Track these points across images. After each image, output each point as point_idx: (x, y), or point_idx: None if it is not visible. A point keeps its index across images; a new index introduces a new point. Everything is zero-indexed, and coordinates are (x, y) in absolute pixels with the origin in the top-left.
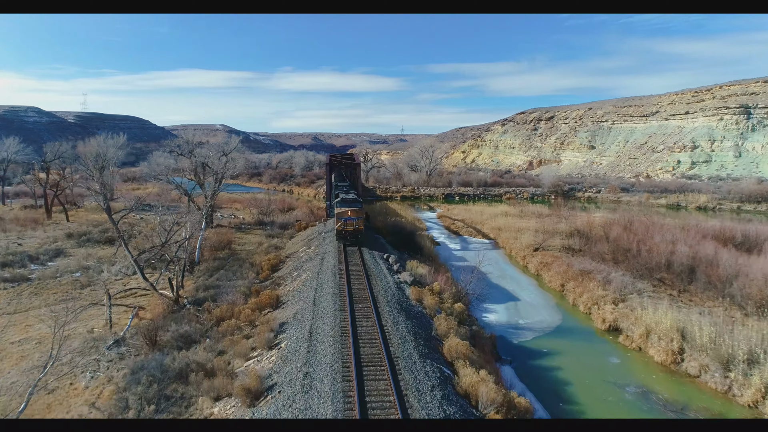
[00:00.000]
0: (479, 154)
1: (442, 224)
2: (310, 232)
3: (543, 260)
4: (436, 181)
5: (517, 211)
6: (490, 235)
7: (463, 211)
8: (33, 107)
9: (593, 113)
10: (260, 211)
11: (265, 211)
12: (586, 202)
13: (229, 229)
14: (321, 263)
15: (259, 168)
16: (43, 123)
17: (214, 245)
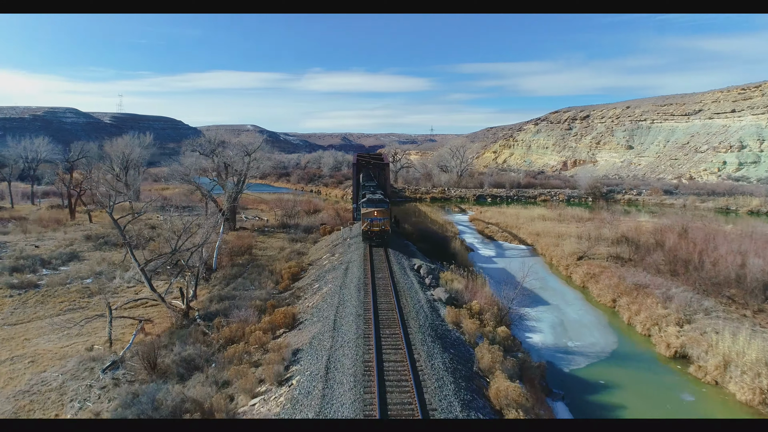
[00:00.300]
0: (511, 155)
1: (474, 228)
2: (335, 236)
3: (589, 271)
4: (467, 182)
5: (555, 214)
6: (527, 241)
7: (497, 213)
8: (71, 108)
9: (631, 112)
10: (285, 213)
11: (290, 212)
12: (626, 204)
13: (251, 232)
14: (345, 275)
15: (288, 168)
16: (80, 124)
17: (233, 250)
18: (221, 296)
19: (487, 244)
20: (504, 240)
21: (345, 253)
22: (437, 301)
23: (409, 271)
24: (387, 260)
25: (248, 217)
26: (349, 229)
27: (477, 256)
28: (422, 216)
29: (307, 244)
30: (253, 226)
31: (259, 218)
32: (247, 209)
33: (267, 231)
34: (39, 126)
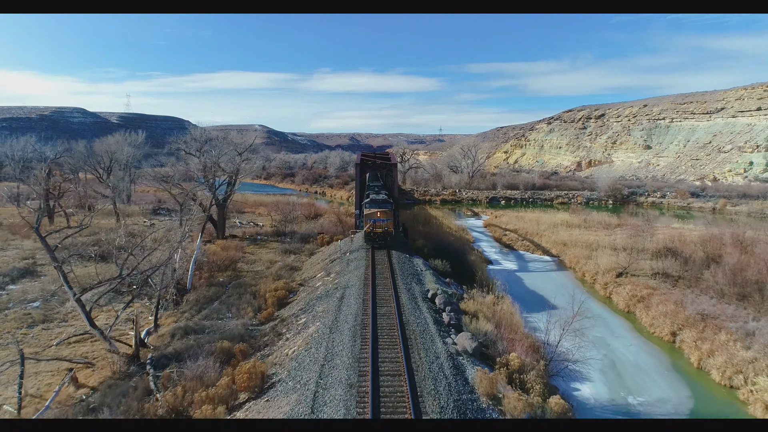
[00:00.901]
0: (523, 155)
1: (491, 235)
2: (333, 248)
3: (635, 292)
4: (479, 183)
5: (579, 220)
6: (552, 252)
7: (514, 218)
8: (78, 108)
9: (648, 110)
10: (283, 218)
11: (288, 217)
12: (650, 208)
13: (241, 241)
14: (338, 307)
15: (294, 168)
16: (87, 123)
17: (215, 264)
18: (188, 328)
19: (506, 255)
20: (526, 250)
21: (342, 273)
22: (462, 354)
23: (422, 301)
24: (393, 285)
25: (242, 222)
26: (350, 239)
27: (498, 272)
28: (433, 221)
29: (301, 257)
30: (244, 233)
31: (254, 224)
32: (243, 213)
33: (259, 239)
34: (46, 126)
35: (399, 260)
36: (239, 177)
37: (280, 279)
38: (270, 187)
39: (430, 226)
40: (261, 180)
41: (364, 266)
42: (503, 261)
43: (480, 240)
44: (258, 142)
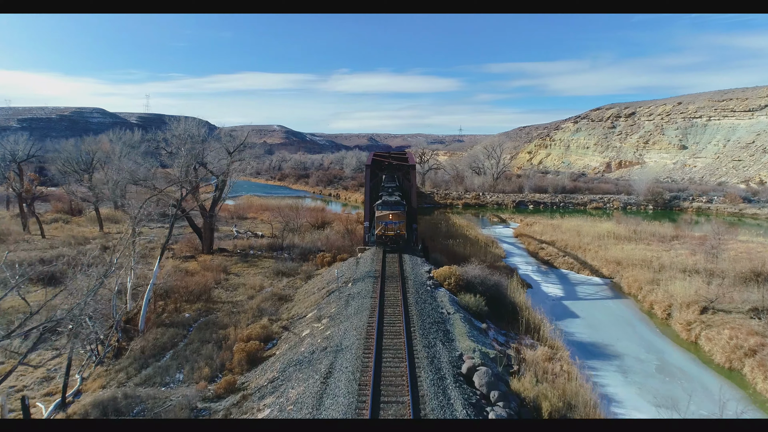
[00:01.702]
0: (547, 155)
1: (523, 247)
2: (333, 274)
3: (737, 340)
4: (504, 185)
5: (627, 230)
6: (602, 271)
7: (549, 228)
8: (98, 108)
9: (683, 108)
10: (286, 226)
11: (290, 226)
12: (695, 214)
13: (230, 256)
14: (320, 394)
15: (309, 169)
16: (106, 124)
17: (187, 292)
18: (111, 404)
19: (547, 275)
20: (569, 269)
21: (338, 318)
22: None
23: (453, 384)
24: (408, 349)
25: (239, 231)
26: (356, 261)
27: (541, 299)
28: (456, 231)
29: (296, 281)
30: (235, 247)
31: (253, 233)
32: (245, 219)
33: (252, 255)
34: (65, 126)
35: (417, 297)
36: (230, 179)
37: (262, 316)
38: (283, 188)
39: (454, 238)
40: (275, 181)
41: (369, 309)
42: (545, 283)
43: (512, 254)
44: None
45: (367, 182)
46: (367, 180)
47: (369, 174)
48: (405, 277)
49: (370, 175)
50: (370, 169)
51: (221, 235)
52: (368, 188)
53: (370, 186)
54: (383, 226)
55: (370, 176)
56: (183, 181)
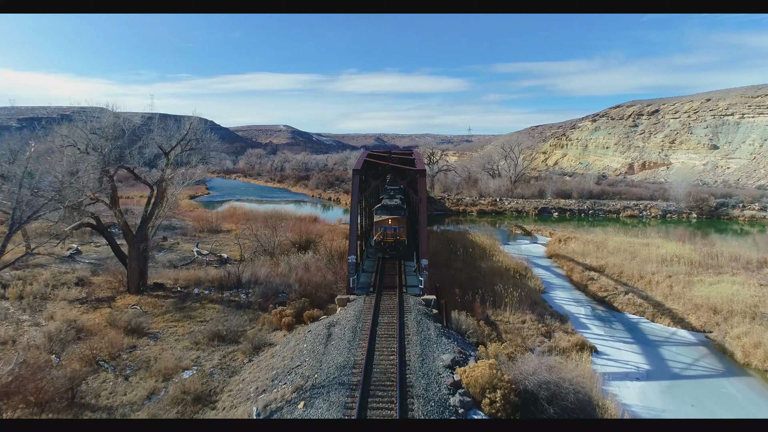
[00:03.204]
0: (564, 155)
1: (564, 274)
2: (296, 344)
3: None
4: (523, 189)
5: (700, 254)
6: (689, 320)
7: (592, 247)
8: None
9: (713, 105)
10: (259, 246)
11: (268, 245)
12: (748, 224)
13: (163, 300)
14: None
15: (311, 170)
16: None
17: (36, 390)
18: None
19: (610, 324)
20: (638, 313)
21: None
22: None
23: None
24: None
25: (200, 252)
26: (327, 331)
27: (620, 376)
28: (476, 252)
29: (236, 354)
30: (176, 282)
31: (217, 255)
32: (218, 233)
33: (195, 296)
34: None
35: None
36: (170, 190)
37: None
38: (282, 191)
39: (475, 264)
40: (274, 183)
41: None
42: (613, 342)
43: (552, 286)
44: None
45: (355, 196)
46: (354, 193)
47: (358, 184)
48: (408, 385)
49: (359, 184)
50: (359, 176)
51: (176, 256)
52: (355, 206)
53: (359, 201)
54: (382, 232)
55: (359, 186)
56: (91, 189)
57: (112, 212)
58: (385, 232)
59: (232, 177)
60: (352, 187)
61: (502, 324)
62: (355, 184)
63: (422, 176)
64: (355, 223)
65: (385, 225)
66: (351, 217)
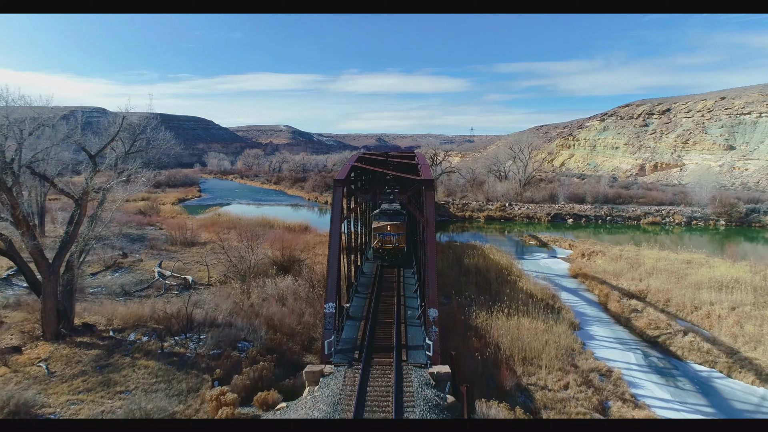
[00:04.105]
0: (570, 156)
1: (593, 298)
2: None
3: None
4: (533, 193)
5: (761, 277)
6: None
7: (624, 264)
8: (98, 108)
9: (728, 104)
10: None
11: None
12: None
13: (86, 351)
14: None
15: (309, 171)
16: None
17: None
18: None
19: (672, 378)
20: (706, 363)
21: None
22: None
23: None
24: None
25: (162, 274)
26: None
27: None
28: (491, 274)
29: None
30: (110, 321)
31: (182, 278)
32: (193, 246)
33: (130, 346)
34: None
35: None
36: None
37: None
38: (278, 193)
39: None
40: (270, 184)
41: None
42: (685, 414)
43: (587, 319)
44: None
45: (336, 216)
46: (335, 211)
47: (341, 199)
48: None
49: (342, 199)
50: (342, 188)
51: (133, 278)
52: (336, 230)
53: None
54: (380, 239)
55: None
56: None
57: None
58: (384, 238)
59: (228, 178)
60: (333, 203)
61: (538, 391)
62: (337, 199)
63: (429, 189)
64: (336, 255)
65: (383, 231)
66: (330, 246)
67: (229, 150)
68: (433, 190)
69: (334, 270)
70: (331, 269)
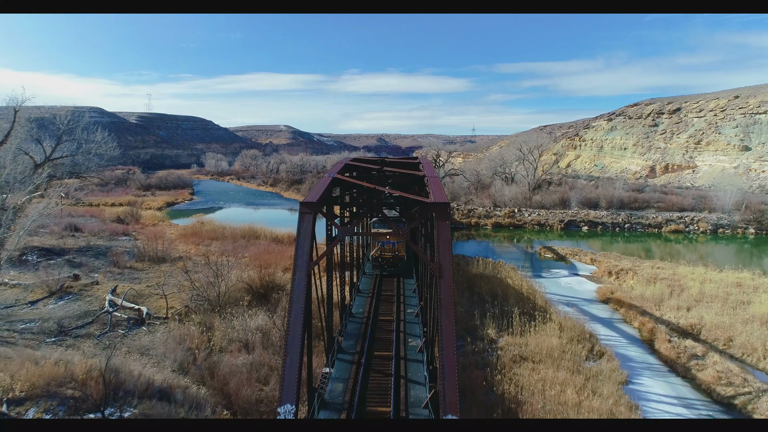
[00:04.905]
0: (577, 157)
1: (634, 333)
2: None
3: None
4: (543, 197)
5: None
6: None
7: (664, 286)
8: (95, 108)
9: (742, 102)
10: (194, 295)
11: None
12: None
13: None
14: None
15: (307, 173)
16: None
17: None
18: None
19: None
20: None
21: None
22: None
23: None
24: None
25: (114, 303)
26: None
27: None
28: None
29: None
30: (10, 389)
31: (136, 308)
32: (163, 263)
33: None
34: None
35: None
36: None
37: None
38: (274, 196)
39: (513, 331)
40: (267, 186)
41: None
42: None
43: (632, 365)
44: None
45: (302, 261)
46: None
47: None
48: None
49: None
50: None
51: (78, 309)
52: (301, 281)
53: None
54: (380, 247)
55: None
56: None
57: None
58: (383, 247)
59: (225, 179)
60: (298, 237)
61: None
62: (304, 232)
63: (444, 216)
64: (300, 324)
65: (383, 239)
66: (291, 312)
67: (228, 150)
68: (448, 218)
69: (295, 351)
70: (291, 348)
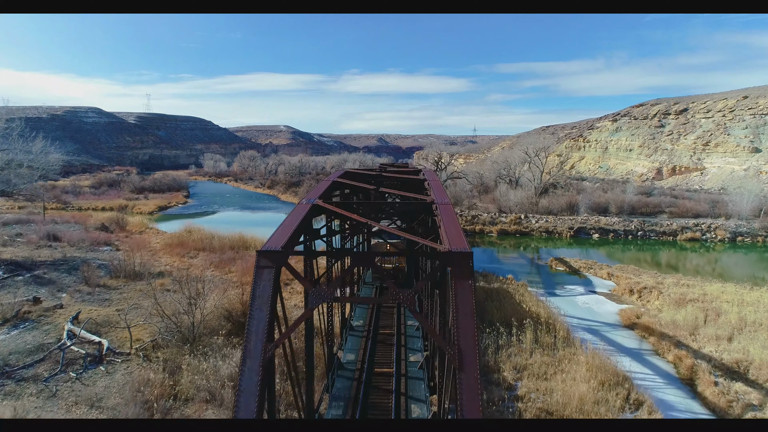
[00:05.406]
0: (581, 158)
1: (670, 370)
2: None
3: None
4: (551, 202)
5: None
6: None
7: (698, 310)
8: (93, 108)
9: (752, 103)
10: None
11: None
12: None
13: None
14: None
15: (305, 174)
16: (101, 124)
17: None
18: None
19: None
20: None
21: None
22: None
23: None
24: None
25: (72, 334)
26: None
27: None
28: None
29: None
30: None
31: (94, 342)
32: (140, 280)
33: None
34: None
35: None
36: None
37: None
38: (271, 199)
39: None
40: (264, 188)
41: None
42: None
43: (676, 416)
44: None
45: (256, 345)
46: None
47: (267, 296)
48: None
49: (273, 292)
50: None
51: (33, 341)
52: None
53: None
54: (380, 258)
55: (264, 300)
56: None
57: None
58: (384, 258)
59: (222, 180)
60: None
61: None
62: (261, 295)
63: (465, 273)
64: None
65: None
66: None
67: (228, 151)
68: (471, 274)
69: None
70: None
